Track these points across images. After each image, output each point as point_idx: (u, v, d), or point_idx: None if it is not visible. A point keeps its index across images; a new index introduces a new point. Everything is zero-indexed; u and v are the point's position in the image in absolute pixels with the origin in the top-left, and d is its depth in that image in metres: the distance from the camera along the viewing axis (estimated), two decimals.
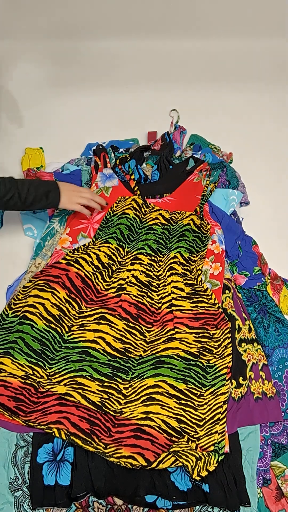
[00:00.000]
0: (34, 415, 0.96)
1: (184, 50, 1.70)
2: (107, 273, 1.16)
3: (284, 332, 1.12)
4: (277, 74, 1.68)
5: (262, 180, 1.43)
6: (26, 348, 1.02)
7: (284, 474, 0.98)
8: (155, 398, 0.97)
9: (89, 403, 0.96)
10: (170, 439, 0.92)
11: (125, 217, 1.23)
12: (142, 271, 1.16)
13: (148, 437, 0.92)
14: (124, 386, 1.00)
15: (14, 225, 1.33)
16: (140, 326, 1.09)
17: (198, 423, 0.96)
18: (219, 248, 1.17)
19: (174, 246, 1.19)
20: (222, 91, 1.63)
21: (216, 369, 1.02)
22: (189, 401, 0.98)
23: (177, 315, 1.09)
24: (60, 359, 1.03)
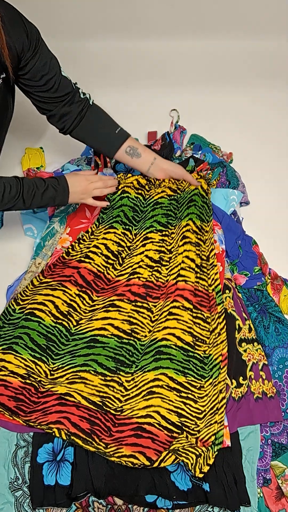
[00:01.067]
0: (34, 415, 0.96)
1: (184, 50, 1.70)
2: (118, 261, 1.16)
3: (284, 332, 1.12)
4: (277, 74, 1.68)
5: (262, 180, 1.43)
6: (31, 343, 1.03)
7: (284, 474, 0.98)
8: (155, 391, 0.97)
9: (90, 403, 0.96)
10: (171, 436, 0.93)
11: (127, 196, 1.21)
12: (156, 250, 1.15)
13: (149, 435, 0.92)
14: (126, 379, 1.00)
15: (14, 225, 1.33)
16: (147, 303, 1.09)
17: (198, 415, 0.96)
18: (219, 248, 1.17)
19: (185, 214, 1.16)
20: (222, 91, 1.63)
21: (212, 358, 1.03)
22: (189, 394, 0.98)
23: (180, 286, 1.07)
24: (65, 353, 1.03)
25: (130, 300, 1.09)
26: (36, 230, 1.31)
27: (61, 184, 1.10)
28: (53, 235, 1.25)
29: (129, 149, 1.20)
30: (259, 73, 1.68)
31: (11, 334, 1.04)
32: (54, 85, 1.11)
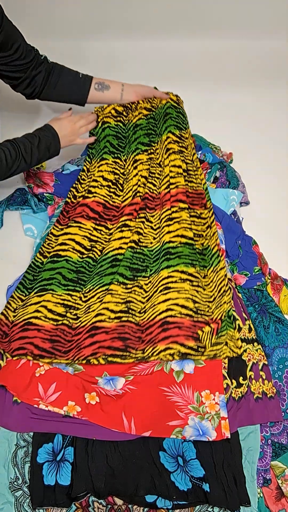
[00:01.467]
0: (70, 353, 1.01)
1: (184, 50, 1.70)
2: (118, 188, 1.25)
3: (284, 332, 1.12)
4: (277, 74, 1.68)
5: (262, 180, 1.43)
6: (64, 280, 1.12)
7: (284, 474, 0.98)
8: (171, 286, 1.06)
9: (117, 322, 1.04)
10: (193, 320, 1.01)
11: (108, 126, 1.28)
12: (147, 169, 1.24)
13: (175, 325, 1.00)
14: (145, 282, 1.12)
15: (14, 225, 1.33)
16: (145, 214, 1.21)
17: (209, 299, 1.06)
18: (220, 247, 1.17)
19: (163, 128, 1.26)
20: (222, 91, 1.63)
21: (210, 249, 1.15)
22: (199, 282, 1.08)
23: (173, 192, 1.18)
24: (94, 275, 1.14)
25: (135, 217, 1.20)
26: (36, 230, 1.31)
27: (50, 132, 1.16)
28: None
29: (98, 85, 1.26)
30: (259, 73, 1.68)
31: (42, 277, 1.13)
32: (23, 52, 1.16)
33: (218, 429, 0.95)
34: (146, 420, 0.97)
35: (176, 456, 0.96)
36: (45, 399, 0.98)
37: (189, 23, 1.69)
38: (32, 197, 1.32)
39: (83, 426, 0.97)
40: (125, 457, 0.95)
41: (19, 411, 0.98)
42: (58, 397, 0.98)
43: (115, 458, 0.95)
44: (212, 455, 0.95)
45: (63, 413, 0.97)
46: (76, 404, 0.98)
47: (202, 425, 0.96)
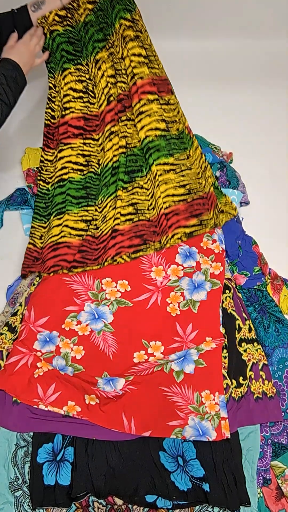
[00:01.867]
0: (99, 259, 1.11)
1: (184, 50, 1.70)
2: (90, 96, 1.26)
3: (284, 332, 1.12)
4: (277, 74, 1.68)
5: (262, 180, 1.43)
6: (75, 199, 1.19)
7: (284, 474, 0.98)
8: (160, 179, 1.15)
9: (130, 224, 1.14)
10: (188, 202, 1.14)
11: (57, 35, 1.23)
12: (110, 66, 1.24)
13: (172, 213, 1.13)
14: (144, 181, 1.19)
15: (14, 225, 1.33)
16: (126, 114, 1.22)
17: (198, 176, 1.18)
18: (219, 247, 1.17)
19: (113, 16, 1.21)
20: (222, 91, 1.63)
21: (184, 132, 1.22)
22: (183, 165, 1.18)
23: (139, 84, 1.18)
24: (102, 187, 1.21)
25: (117, 121, 1.22)
26: None
27: (10, 64, 1.11)
28: None
29: (33, 7, 1.20)
30: (260, 73, 1.68)
31: (56, 202, 1.20)
32: None
33: (218, 429, 0.96)
34: (146, 420, 0.97)
35: (176, 456, 0.96)
36: (45, 399, 0.98)
37: (189, 23, 1.68)
38: (32, 197, 1.32)
39: (83, 426, 0.97)
40: (125, 457, 0.95)
41: (19, 411, 0.98)
42: (58, 397, 0.98)
43: (115, 458, 0.95)
44: (212, 455, 0.95)
45: (63, 413, 0.97)
46: (76, 404, 0.98)
47: (202, 425, 0.96)
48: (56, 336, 1.05)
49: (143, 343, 1.05)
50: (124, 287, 1.10)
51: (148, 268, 1.13)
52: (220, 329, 1.07)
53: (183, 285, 1.11)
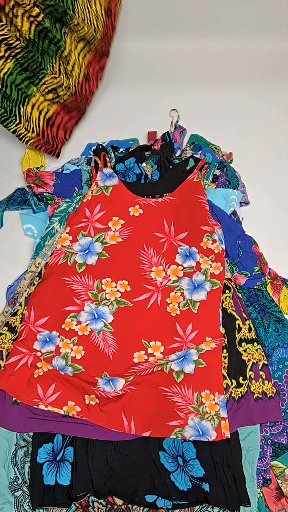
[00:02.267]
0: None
1: (184, 50, 1.70)
2: None
3: (284, 332, 1.12)
4: (277, 74, 1.68)
5: (262, 180, 1.43)
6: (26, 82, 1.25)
7: (284, 474, 0.98)
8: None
9: None
10: None
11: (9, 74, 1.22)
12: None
13: None
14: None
15: (14, 225, 1.33)
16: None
17: None
18: (219, 247, 1.17)
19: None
20: (222, 91, 1.63)
21: None
22: None
23: None
24: (40, 56, 1.22)
25: None
26: (36, 230, 1.31)
27: None
28: (53, 235, 1.24)
29: None
30: (260, 73, 1.68)
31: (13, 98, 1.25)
32: None
33: (218, 429, 0.96)
34: (146, 420, 0.97)
35: (176, 456, 0.96)
36: (45, 399, 0.98)
37: (189, 23, 1.69)
38: (32, 197, 1.32)
39: (83, 426, 0.97)
40: (125, 457, 0.95)
41: (19, 411, 0.98)
42: (58, 397, 0.98)
43: (115, 458, 0.95)
44: (212, 455, 0.95)
45: (62, 413, 0.97)
46: (76, 404, 0.98)
47: (202, 425, 0.96)
48: (56, 336, 1.05)
49: (143, 343, 1.05)
50: (124, 287, 1.10)
51: (148, 268, 1.13)
52: (220, 329, 1.07)
53: (183, 285, 1.11)
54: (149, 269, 1.13)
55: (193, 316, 1.08)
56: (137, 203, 1.23)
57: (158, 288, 1.11)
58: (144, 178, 1.31)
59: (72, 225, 1.23)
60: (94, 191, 1.25)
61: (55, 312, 1.08)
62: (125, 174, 1.30)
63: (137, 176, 1.30)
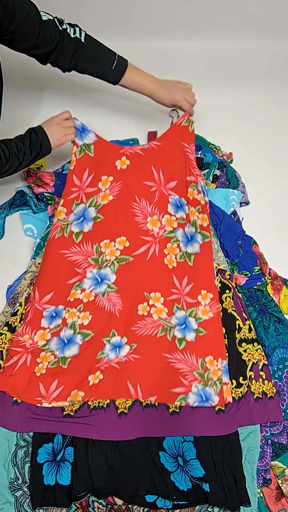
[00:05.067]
0: None
1: (184, 50, 1.70)
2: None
3: (284, 332, 1.12)
4: (277, 74, 1.68)
5: (262, 180, 1.43)
6: None
7: (284, 474, 0.98)
8: None
9: None
10: None
11: None
12: None
13: None
14: None
15: (14, 225, 1.33)
16: None
17: None
18: (204, 199, 1.18)
19: None
20: (222, 91, 1.63)
21: None
22: None
23: None
24: None
25: None
26: (36, 230, 1.31)
27: (40, 132, 1.14)
28: None
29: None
30: (260, 73, 1.68)
31: None
32: (39, 40, 1.12)
33: (220, 394, 0.99)
34: (151, 386, 0.99)
35: (176, 456, 0.96)
36: (48, 397, 0.98)
37: (189, 23, 1.68)
38: (31, 197, 1.32)
39: (83, 426, 0.97)
40: (125, 457, 0.95)
41: (19, 411, 0.98)
42: (61, 392, 0.99)
43: (115, 458, 0.95)
44: (212, 455, 0.95)
45: (67, 404, 0.98)
46: (78, 390, 0.99)
47: (205, 391, 0.99)
48: (62, 309, 1.07)
49: (145, 295, 1.08)
50: (122, 243, 1.12)
51: (143, 219, 1.14)
52: (215, 282, 1.09)
53: (178, 236, 1.13)
54: (144, 220, 1.14)
55: (189, 269, 1.11)
56: (123, 154, 1.21)
57: (155, 239, 1.12)
58: None
59: (65, 196, 1.22)
60: (77, 153, 1.23)
61: (59, 287, 1.09)
62: None
63: None
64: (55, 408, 0.98)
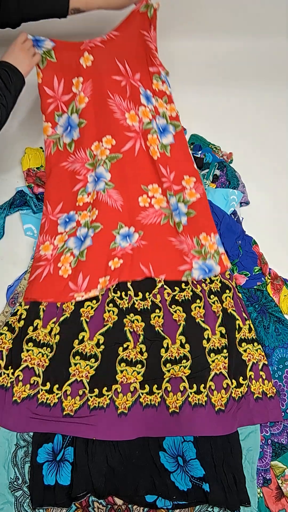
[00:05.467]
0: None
1: (184, 50, 1.70)
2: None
3: (284, 332, 1.12)
4: (277, 74, 1.68)
5: (262, 180, 1.43)
6: None
7: (284, 474, 0.98)
8: None
9: None
10: None
11: None
12: None
13: None
14: None
15: (14, 225, 1.33)
16: None
17: None
18: (168, 90, 1.24)
19: None
20: (222, 91, 1.63)
21: None
22: None
23: None
24: None
25: None
26: (36, 230, 1.31)
27: (7, 67, 1.09)
28: None
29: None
30: (260, 73, 1.68)
31: None
32: None
33: (221, 263, 1.12)
34: (160, 265, 1.13)
35: (176, 456, 0.96)
36: (79, 288, 1.08)
37: (189, 23, 1.68)
38: (31, 197, 1.32)
39: (83, 426, 0.97)
40: (125, 457, 0.95)
41: (19, 411, 0.98)
42: (89, 282, 1.09)
43: (115, 458, 0.95)
44: (212, 455, 0.95)
45: (98, 293, 1.08)
46: (105, 274, 1.11)
47: (206, 264, 1.11)
48: (74, 214, 1.18)
49: (142, 188, 1.17)
50: (109, 142, 1.19)
51: (122, 115, 1.20)
52: (194, 166, 1.20)
53: (155, 127, 1.20)
54: (122, 116, 1.19)
55: (168, 159, 1.19)
56: (85, 49, 1.21)
57: (138, 134, 1.19)
58: None
59: (44, 111, 1.24)
60: (40, 64, 1.21)
61: (66, 196, 1.19)
62: None
63: None
64: (55, 408, 0.98)
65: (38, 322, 1.06)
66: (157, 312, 1.09)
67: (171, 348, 1.05)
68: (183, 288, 1.12)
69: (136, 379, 1.02)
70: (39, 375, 1.02)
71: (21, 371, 1.01)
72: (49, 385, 1.01)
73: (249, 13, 1.66)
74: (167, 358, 1.04)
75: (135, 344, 1.05)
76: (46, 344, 1.04)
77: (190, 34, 1.71)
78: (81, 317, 1.07)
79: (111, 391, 1.00)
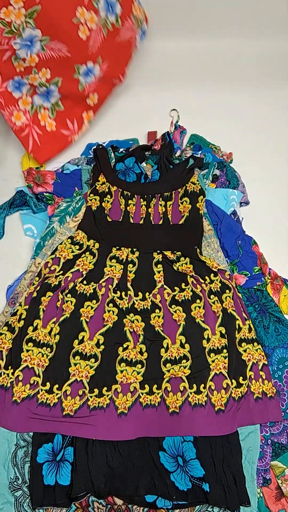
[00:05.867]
0: None
1: (184, 50, 1.70)
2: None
3: (284, 332, 1.12)
4: (277, 74, 1.68)
5: (262, 180, 1.43)
6: None
7: (284, 474, 0.98)
8: None
9: None
10: None
11: None
12: None
13: None
14: None
15: (14, 225, 1.33)
16: None
17: None
18: None
19: None
20: (222, 91, 1.63)
21: None
22: None
23: None
24: None
25: None
26: (36, 230, 1.31)
27: None
28: (53, 235, 1.24)
29: None
30: (259, 73, 1.68)
31: None
32: None
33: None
34: None
35: (176, 456, 0.96)
36: (74, 131, 1.25)
37: (189, 23, 1.69)
38: (31, 197, 1.32)
39: (83, 426, 0.97)
40: (125, 457, 0.95)
41: (19, 411, 0.98)
42: (77, 123, 1.22)
43: (115, 458, 0.95)
44: (212, 455, 0.96)
45: (88, 126, 1.19)
46: (88, 109, 1.29)
47: None
48: (20, 78, 1.20)
49: (75, 67, 1.23)
50: (45, 74, 1.22)
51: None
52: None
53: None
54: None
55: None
56: None
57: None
58: (144, 178, 1.31)
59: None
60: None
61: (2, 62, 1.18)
62: (125, 173, 1.30)
63: (137, 175, 1.30)
64: (55, 408, 0.98)
65: (38, 322, 1.06)
66: (157, 312, 1.09)
67: (171, 348, 1.05)
68: (183, 288, 1.12)
69: (136, 379, 1.02)
70: (39, 375, 1.02)
71: (21, 371, 1.01)
72: (49, 385, 1.01)
73: (249, 13, 1.67)
74: (167, 358, 1.04)
75: (135, 344, 1.05)
76: (46, 344, 1.04)
77: (190, 34, 1.71)
78: (81, 317, 1.07)
79: (111, 391, 1.00)
